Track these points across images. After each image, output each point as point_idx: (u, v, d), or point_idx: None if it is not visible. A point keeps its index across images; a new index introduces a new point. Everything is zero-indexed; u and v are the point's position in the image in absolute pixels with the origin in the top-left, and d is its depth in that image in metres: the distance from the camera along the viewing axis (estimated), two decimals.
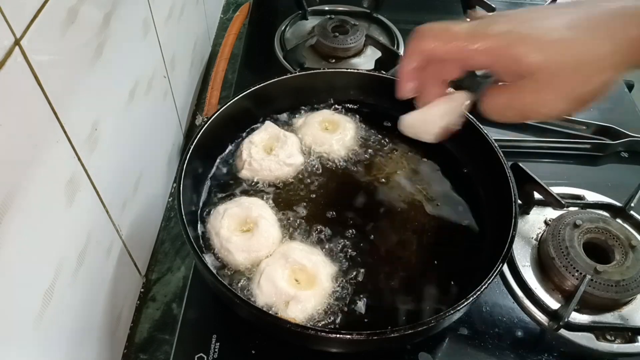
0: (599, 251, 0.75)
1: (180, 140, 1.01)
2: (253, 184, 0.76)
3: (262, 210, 0.70)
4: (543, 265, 0.76)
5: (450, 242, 0.71)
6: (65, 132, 0.53)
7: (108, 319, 0.69)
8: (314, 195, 0.75)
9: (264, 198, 0.74)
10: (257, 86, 0.80)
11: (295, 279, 0.64)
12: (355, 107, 0.88)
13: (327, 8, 1.21)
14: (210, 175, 0.77)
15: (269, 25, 1.17)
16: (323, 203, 0.74)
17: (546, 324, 0.71)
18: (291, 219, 0.72)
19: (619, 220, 0.80)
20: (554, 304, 0.71)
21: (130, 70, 0.72)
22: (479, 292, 0.58)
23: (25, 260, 0.47)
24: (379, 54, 1.07)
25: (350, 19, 1.13)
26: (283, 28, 1.15)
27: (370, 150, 0.81)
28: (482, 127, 0.75)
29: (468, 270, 0.68)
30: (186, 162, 0.68)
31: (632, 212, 0.82)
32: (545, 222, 0.81)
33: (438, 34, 0.51)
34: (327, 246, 0.69)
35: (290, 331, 0.57)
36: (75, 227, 0.58)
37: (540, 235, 0.80)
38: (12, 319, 0.46)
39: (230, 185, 0.76)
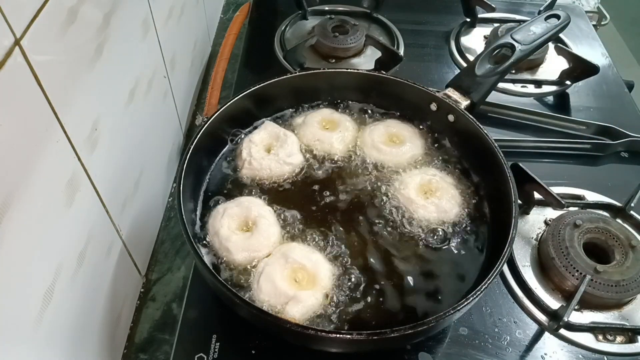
0: (599, 251, 0.75)
1: (180, 140, 1.01)
2: (253, 183, 0.76)
3: (261, 210, 0.70)
4: (543, 265, 0.76)
5: (450, 242, 0.71)
6: (65, 132, 0.53)
7: (108, 319, 0.69)
8: (314, 195, 0.75)
9: (264, 197, 0.74)
10: (257, 86, 0.79)
11: (295, 279, 0.64)
12: (355, 106, 0.88)
13: (327, 8, 1.22)
14: (210, 175, 0.77)
15: (269, 25, 1.17)
16: (323, 202, 0.74)
17: (546, 324, 0.71)
18: (291, 218, 0.72)
19: (619, 220, 0.80)
20: (554, 304, 0.71)
21: (130, 71, 0.72)
22: (479, 292, 0.58)
23: (25, 260, 0.47)
24: (379, 54, 1.07)
25: (350, 19, 1.13)
26: (283, 28, 1.15)
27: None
28: (482, 127, 0.75)
29: (468, 270, 0.68)
30: (186, 162, 0.68)
31: (632, 212, 0.82)
32: (545, 222, 0.81)
33: None
34: (327, 246, 0.69)
35: (290, 331, 0.57)
36: (75, 227, 0.58)
37: (540, 235, 0.80)
38: (12, 319, 0.46)
39: (230, 184, 0.76)
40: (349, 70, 0.89)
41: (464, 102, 0.80)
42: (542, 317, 0.71)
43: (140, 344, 0.76)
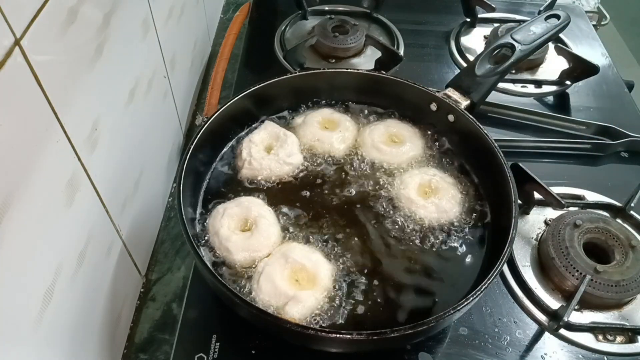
0: (599, 251, 0.75)
1: (180, 140, 1.01)
2: (253, 183, 0.76)
3: (261, 210, 0.70)
4: (543, 265, 0.76)
5: (450, 242, 0.71)
6: (65, 132, 0.53)
7: (108, 319, 0.69)
8: (314, 195, 0.75)
9: (264, 197, 0.73)
10: (257, 86, 0.79)
11: (295, 279, 0.64)
12: (355, 106, 0.88)
13: (327, 8, 1.22)
14: (210, 175, 0.77)
15: (269, 25, 1.17)
16: (323, 202, 0.74)
17: (546, 324, 0.71)
18: (291, 218, 0.72)
19: (619, 220, 0.80)
20: (554, 304, 0.71)
21: (130, 70, 0.72)
22: (479, 292, 0.58)
23: (25, 260, 0.47)
24: (379, 54, 1.07)
25: (350, 19, 1.13)
26: (283, 28, 1.15)
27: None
28: (482, 127, 0.75)
29: (468, 270, 0.68)
30: (186, 162, 0.68)
31: (632, 212, 0.82)
32: (545, 222, 0.81)
33: None
34: (327, 245, 0.69)
35: (290, 331, 0.57)
36: (75, 227, 0.58)
37: (540, 235, 0.80)
38: (12, 319, 0.46)
39: (230, 184, 0.76)
40: (349, 70, 0.89)
41: (464, 102, 0.80)
42: (542, 317, 0.71)
43: (140, 344, 0.76)
